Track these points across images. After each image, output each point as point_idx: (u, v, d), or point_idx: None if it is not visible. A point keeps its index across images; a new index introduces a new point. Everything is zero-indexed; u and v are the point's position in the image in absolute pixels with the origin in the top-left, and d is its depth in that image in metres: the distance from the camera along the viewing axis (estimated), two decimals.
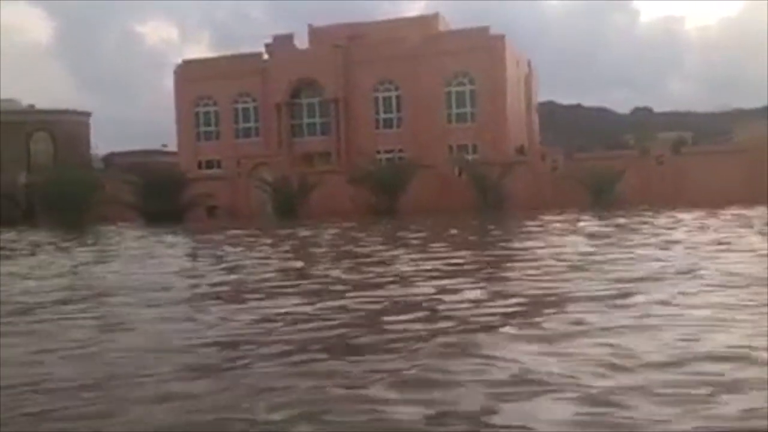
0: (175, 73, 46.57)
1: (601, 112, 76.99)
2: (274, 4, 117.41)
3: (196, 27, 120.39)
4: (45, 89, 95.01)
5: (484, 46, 39.43)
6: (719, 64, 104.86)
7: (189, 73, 45.56)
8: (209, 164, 44.17)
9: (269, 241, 16.79)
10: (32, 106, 57.27)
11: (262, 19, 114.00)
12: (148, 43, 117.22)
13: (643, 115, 73.93)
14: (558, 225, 18.16)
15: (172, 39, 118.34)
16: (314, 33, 45.67)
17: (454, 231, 17.71)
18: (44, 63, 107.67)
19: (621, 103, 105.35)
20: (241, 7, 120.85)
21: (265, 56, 44.49)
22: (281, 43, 44.18)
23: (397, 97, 41.97)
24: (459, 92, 40.72)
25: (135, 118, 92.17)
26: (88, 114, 57.26)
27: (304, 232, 19.17)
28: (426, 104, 40.40)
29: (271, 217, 30.57)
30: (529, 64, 45.28)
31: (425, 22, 44.27)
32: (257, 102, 44.71)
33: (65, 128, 54.65)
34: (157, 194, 29.54)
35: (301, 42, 44.75)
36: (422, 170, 30.64)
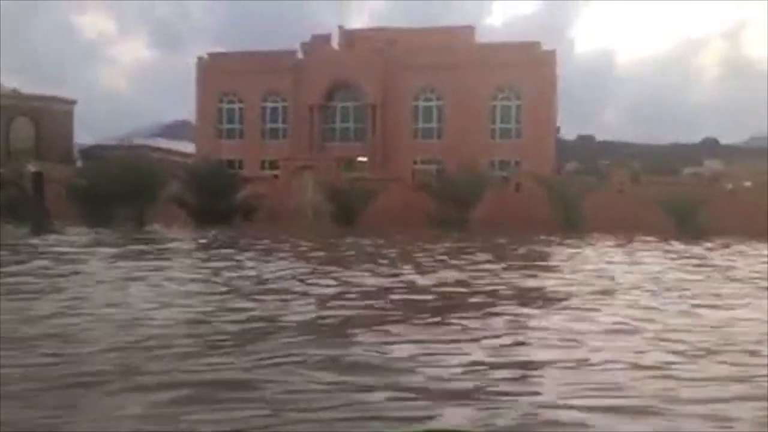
0: (198, 65, 44.14)
1: None
2: (214, 3, 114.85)
3: (134, 22, 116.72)
4: None
5: (534, 61, 38.49)
6: (650, 97, 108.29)
7: (214, 66, 43.24)
8: (230, 164, 41.76)
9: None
10: (16, 90, 54.14)
11: (202, 17, 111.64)
12: (85, 35, 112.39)
13: (587, 143, 74.94)
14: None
15: (109, 32, 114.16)
16: (345, 35, 44.03)
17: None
18: None
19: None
20: (182, 4, 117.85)
21: (299, 55, 42.57)
22: (318, 42, 42.37)
23: (439, 107, 40.59)
24: (505, 106, 39.61)
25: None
26: (73, 102, 54.36)
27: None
28: (469, 116, 39.13)
29: (327, 223, 28.59)
30: None
31: (461, 33, 43.15)
32: (287, 102, 42.66)
33: (49, 115, 51.75)
34: (212, 193, 27.18)
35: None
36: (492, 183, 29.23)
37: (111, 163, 28.06)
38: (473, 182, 28.25)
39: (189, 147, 56.98)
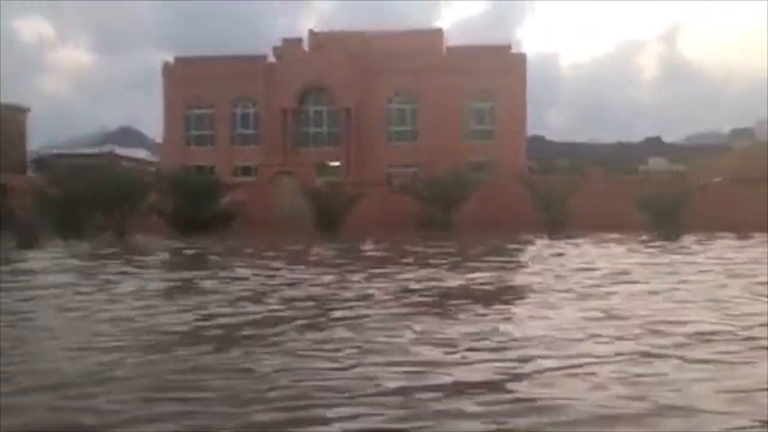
0: (164, 70, 43.09)
1: None
2: (159, 6, 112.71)
3: (77, 26, 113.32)
4: None
5: (505, 64, 39.00)
6: (592, 98, 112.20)
7: (181, 72, 42.26)
8: (201, 171, 40.86)
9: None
10: None
11: (147, 21, 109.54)
12: (24, 40, 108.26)
13: (539, 144, 76.80)
14: None
15: (49, 37, 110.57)
16: (315, 38, 43.70)
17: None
18: None
19: None
20: (125, 8, 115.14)
21: (270, 59, 42.03)
22: (290, 46, 41.94)
23: (413, 109, 40.68)
24: (478, 108, 39.98)
25: None
26: (26, 110, 52.53)
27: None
28: (443, 118, 39.34)
29: (310, 229, 28.19)
30: None
31: (431, 36, 43.41)
32: (259, 107, 42.03)
33: (1, 123, 49.85)
34: (193, 202, 26.40)
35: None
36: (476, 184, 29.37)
37: (85, 171, 26.96)
38: (459, 183, 28.32)
39: (139, 153, 55.60)
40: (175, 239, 23.63)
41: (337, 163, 40.37)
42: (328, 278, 11.06)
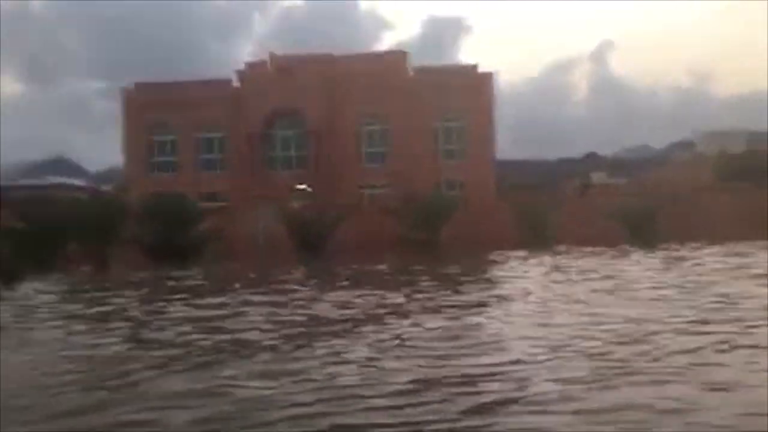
0: (124, 96, 41.82)
1: None
2: (88, 35, 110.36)
3: (5, 56, 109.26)
4: None
5: (472, 83, 39.46)
6: (528, 116, 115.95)
7: (142, 97, 41.11)
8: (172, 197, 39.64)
9: None
10: None
11: (77, 50, 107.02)
12: None
13: None
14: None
15: None
16: (277, 61, 43.27)
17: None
18: None
19: None
20: (54, 38, 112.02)
21: (235, 83, 41.34)
22: (254, 70, 41.39)
23: (383, 130, 40.59)
24: (448, 128, 40.22)
25: None
26: None
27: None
28: (414, 139, 39.39)
29: (290, 252, 27.54)
30: None
31: (395, 57, 43.62)
32: (223, 132, 41.19)
33: None
34: (169, 228, 25.37)
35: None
36: (460, 202, 29.36)
37: (52, 202, 25.61)
38: (441, 203, 28.24)
39: (78, 183, 53.14)
40: (164, 268, 22.52)
41: (303, 186, 39.80)
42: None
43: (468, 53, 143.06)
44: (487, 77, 40.23)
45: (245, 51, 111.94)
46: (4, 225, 24.59)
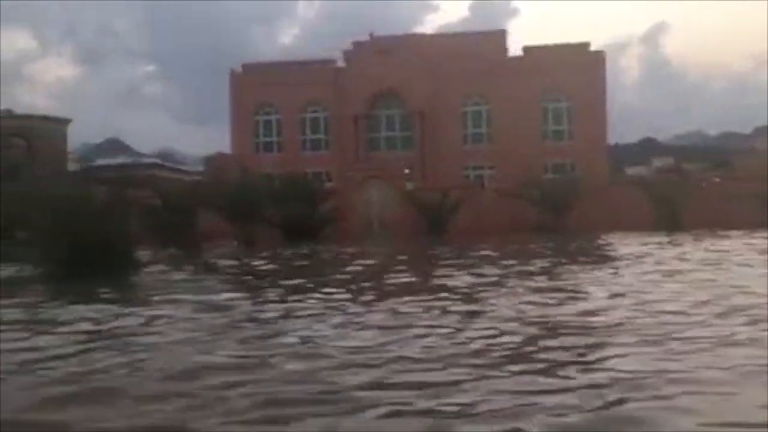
0: (232, 78, 42.73)
1: None
2: (137, 19, 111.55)
3: (57, 40, 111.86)
4: None
5: (583, 62, 38.33)
6: None
7: (249, 78, 41.91)
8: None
9: None
10: (9, 111, 52.01)
11: (126, 33, 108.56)
12: (3, 54, 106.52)
13: None
14: None
15: (30, 51, 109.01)
16: (378, 43, 43.15)
17: None
18: None
19: None
20: (105, 21, 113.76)
21: (339, 64, 41.60)
22: (359, 51, 41.47)
23: (488, 111, 40.05)
24: (555, 108, 39.31)
25: None
26: (67, 121, 52.33)
27: None
28: (519, 120, 38.67)
29: (411, 233, 27.63)
30: None
31: (495, 37, 42.80)
32: (328, 112, 41.58)
33: (43, 135, 49.56)
34: (301, 207, 25.86)
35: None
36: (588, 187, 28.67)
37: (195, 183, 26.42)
38: (572, 186, 27.66)
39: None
40: (302, 246, 22.89)
41: (406, 170, 39.75)
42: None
43: (515, 37, 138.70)
44: (600, 55, 38.96)
45: (290, 34, 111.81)
46: (146, 203, 25.62)
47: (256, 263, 16.17)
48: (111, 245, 12.06)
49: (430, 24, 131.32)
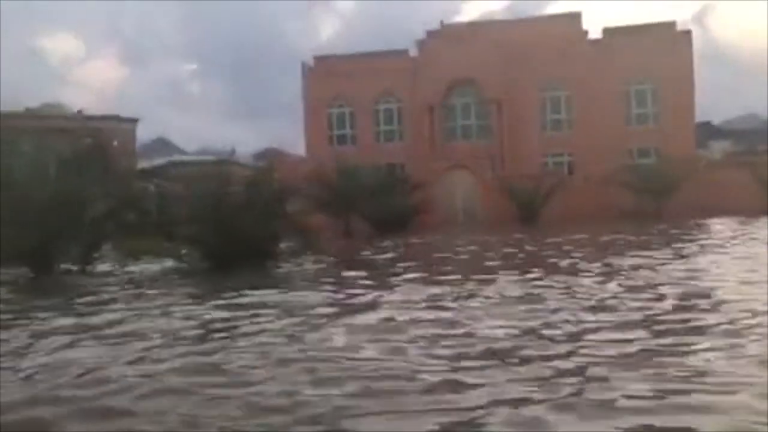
0: (304, 70, 42.80)
1: None
2: (180, 18, 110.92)
3: (100, 41, 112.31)
4: None
5: (669, 42, 36.87)
6: None
7: (322, 71, 41.90)
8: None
9: None
10: (80, 111, 53.43)
11: (168, 32, 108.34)
12: (49, 57, 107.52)
13: None
14: None
15: (74, 52, 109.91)
16: (450, 30, 42.51)
17: None
18: None
19: None
20: (147, 21, 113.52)
21: (412, 53, 41.17)
22: (433, 39, 40.95)
23: (567, 97, 39.01)
24: (639, 91, 37.99)
25: None
26: (135, 120, 53.37)
27: None
28: (601, 104, 37.51)
29: (500, 222, 27.13)
30: None
31: (569, 20, 41.56)
32: (401, 103, 41.25)
33: (112, 135, 50.63)
34: (390, 199, 25.68)
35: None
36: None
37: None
38: (671, 171, 26.64)
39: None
40: (396, 237, 22.73)
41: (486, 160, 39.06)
42: None
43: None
44: (687, 35, 37.41)
45: (327, 25, 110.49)
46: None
47: (385, 254, 16.03)
48: (261, 239, 12.14)
49: (467, 14, 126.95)
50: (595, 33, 39.77)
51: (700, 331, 5.78)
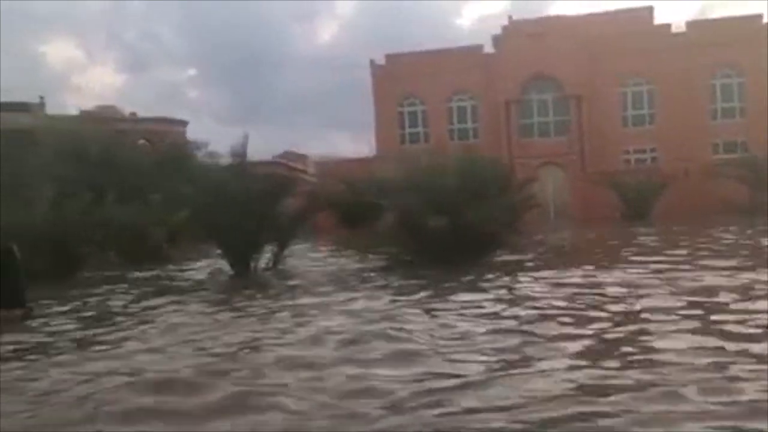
0: (374, 69, 42.53)
1: None
2: (183, 25, 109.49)
3: (101, 48, 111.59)
4: None
5: (756, 35, 36.08)
6: None
7: (392, 69, 41.59)
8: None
9: None
10: (134, 114, 53.62)
11: (172, 40, 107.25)
12: (50, 64, 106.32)
13: None
14: None
15: (75, 59, 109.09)
16: (525, 25, 41.77)
17: None
18: None
19: None
20: (150, 28, 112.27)
21: (486, 49, 40.75)
22: (508, 35, 40.46)
23: (649, 91, 38.36)
24: (725, 85, 37.24)
25: None
26: (185, 123, 53.45)
27: None
28: (684, 99, 36.82)
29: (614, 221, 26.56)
30: None
31: (641, 14, 40.90)
32: (476, 100, 40.84)
33: (165, 138, 50.72)
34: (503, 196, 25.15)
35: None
36: None
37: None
38: None
39: None
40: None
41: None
42: None
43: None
44: None
45: (332, 26, 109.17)
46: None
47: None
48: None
49: (468, 15, 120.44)
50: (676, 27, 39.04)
51: None
